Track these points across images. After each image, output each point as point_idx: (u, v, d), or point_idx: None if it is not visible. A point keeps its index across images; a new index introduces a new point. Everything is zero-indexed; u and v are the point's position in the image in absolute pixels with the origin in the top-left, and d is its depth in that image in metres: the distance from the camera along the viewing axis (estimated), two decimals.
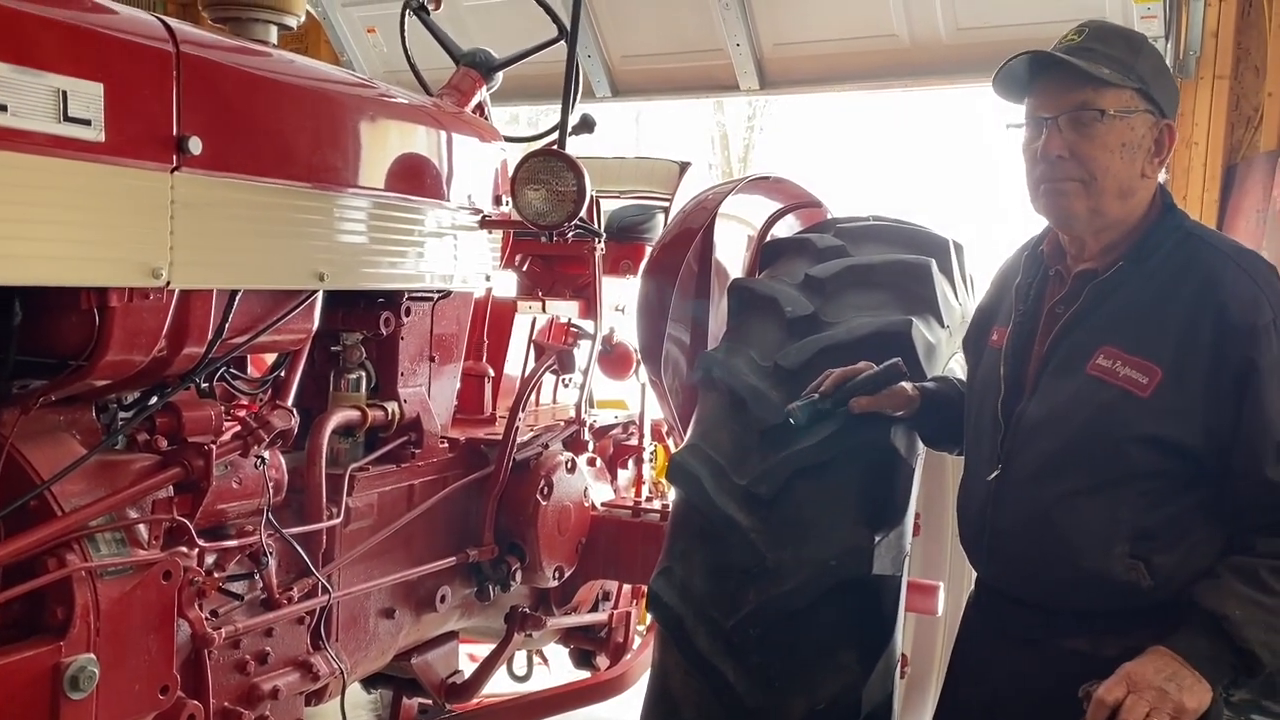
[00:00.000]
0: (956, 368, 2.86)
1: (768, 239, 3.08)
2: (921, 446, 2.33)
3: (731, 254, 3.38)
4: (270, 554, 2.24)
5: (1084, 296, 1.84)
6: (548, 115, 5.40)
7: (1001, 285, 2.11)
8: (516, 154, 2.90)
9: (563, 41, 3.11)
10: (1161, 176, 1.87)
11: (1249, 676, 1.69)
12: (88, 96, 1.69)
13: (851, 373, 2.15)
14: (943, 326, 2.51)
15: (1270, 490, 1.69)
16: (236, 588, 2.24)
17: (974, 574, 2.12)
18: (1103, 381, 1.77)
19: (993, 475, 1.91)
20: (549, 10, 3.13)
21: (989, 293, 2.18)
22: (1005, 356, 1.95)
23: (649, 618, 3.16)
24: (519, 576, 2.96)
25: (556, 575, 3.06)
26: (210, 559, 2.14)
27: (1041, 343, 1.90)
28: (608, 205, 3.99)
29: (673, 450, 3.64)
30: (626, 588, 3.61)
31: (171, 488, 2.06)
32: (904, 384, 2.14)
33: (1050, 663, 1.85)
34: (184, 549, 2.01)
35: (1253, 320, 1.69)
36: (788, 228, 3.23)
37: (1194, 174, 4.24)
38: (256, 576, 2.26)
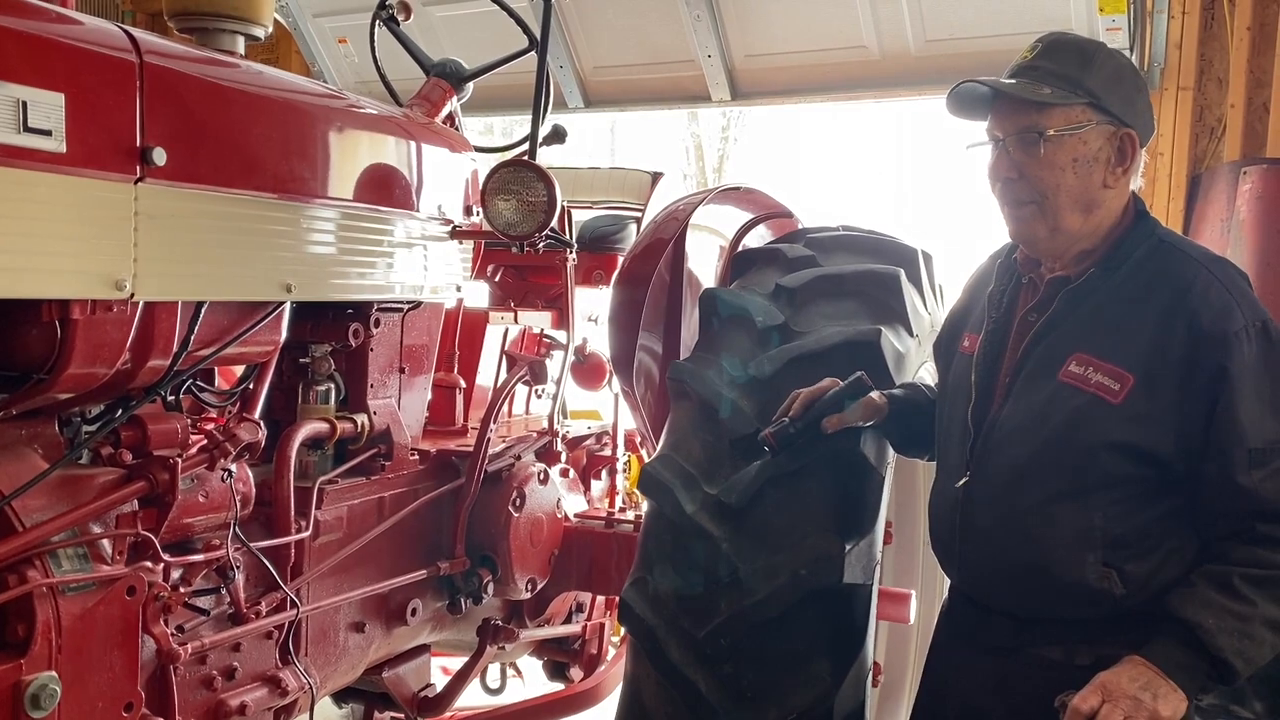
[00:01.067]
0: (926, 376, 2.87)
1: (739, 249, 3.09)
2: (891, 454, 2.34)
3: (704, 264, 3.39)
4: (237, 568, 2.22)
5: (1056, 303, 1.85)
6: (521, 126, 5.40)
7: (973, 292, 2.12)
8: (488, 165, 2.90)
9: (533, 52, 3.11)
10: (1136, 183, 1.87)
11: (1224, 685, 1.69)
12: (48, 107, 1.67)
13: (818, 392, 2.15)
14: (911, 336, 2.52)
15: (1243, 497, 1.69)
16: (203, 603, 2.21)
17: (947, 581, 2.13)
18: (1074, 388, 1.77)
19: (962, 482, 1.91)
20: (519, 21, 3.13)
21: (960, 299, 2.19)
22: (976, 363, 1.95)
23: (622, 629, 3.16)
24: (491, 589, 2.94)
25: (529, 587, 3.04)
26: (176, 574, 2.11)
27: (1014, 350, 1.90)
28: (580, 216, 3.99)
29: (646, 460, 3.64)
30: (600, 599, 3.60)
31: (136, 502, 2.03)
32: (872, 394, 2.15)
33: (1023, 672, 1.85)
34: (149, 564, 1.98)
35: (1224, 327, 1.69)
36: (759, 238, 3.25)
37: (1159, 184, 4.30)
38: (223, 591, 2.23)
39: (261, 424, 2.30)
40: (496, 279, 3.92)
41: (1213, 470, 1.70)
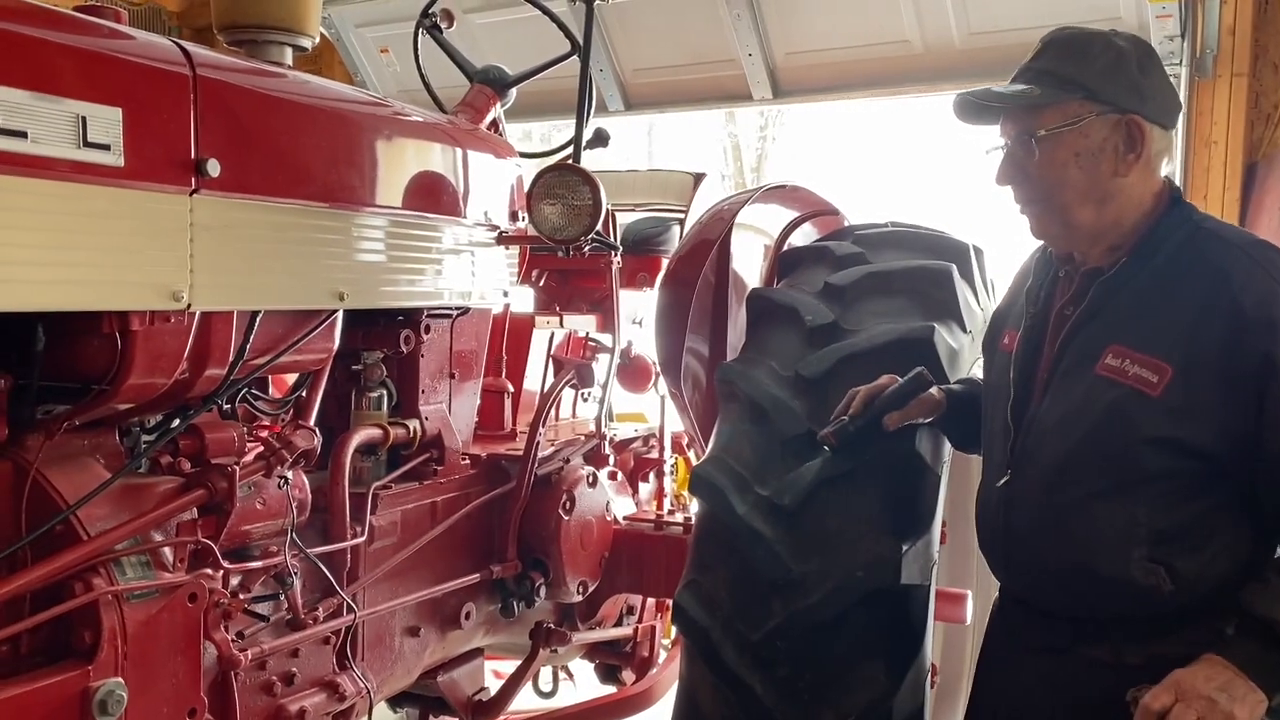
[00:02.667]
0: (980, 373, 2.84)
1: (785, 248, 3.07)
2: (947, 453, 2.31)
3: (749, 264, 3.37)
4: (295, 574, 2.24)
5: (1090, 295, 1.83)
6: (560, 131, 5.42)
7: (1015, 289, 2.10)
8: (532, 170, 2.90)
9: (575, 57, 3.11)
10: (1167, 168, 1.85)
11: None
12: (107, 122, 1.70)
13: (877, 389, 2.13)
14: (965, 332, 2.49)
15: None
16: (262, 609, 2.24)
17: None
18: (1112, 381, 1.74)
19: (1003, 481, 1.89)
20: (561, 26, 3.14)
21: (1005, 296, 2.17)
22: (1015, 360, 1.93)
23: (674, 631, 3.15)
24: (543, 592, 2.94)
25: (580, 590, 3.04)
26: (235, 580, 2.14)
27: (1051, 345, 1.88)
28: (623, 218, 3.99)
29: (694, 462, 3.63)
30: (651, 601, 3.59)
31: (195, 510, 2.06)
32: (931, 389, 2.12)
33: (1073, 672, 1.82)
34: (209, 571, 2.00)
35: (1269, 314, 1.65)
36: (805, 236, 3.22)
37: (1214, 173, 4.20)
38: (281, 597, 2.25)
39: (316, 431, 2.32)
40: (541, 283, 3.93)
41: (1268, 464, 1.66)
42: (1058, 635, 1.85)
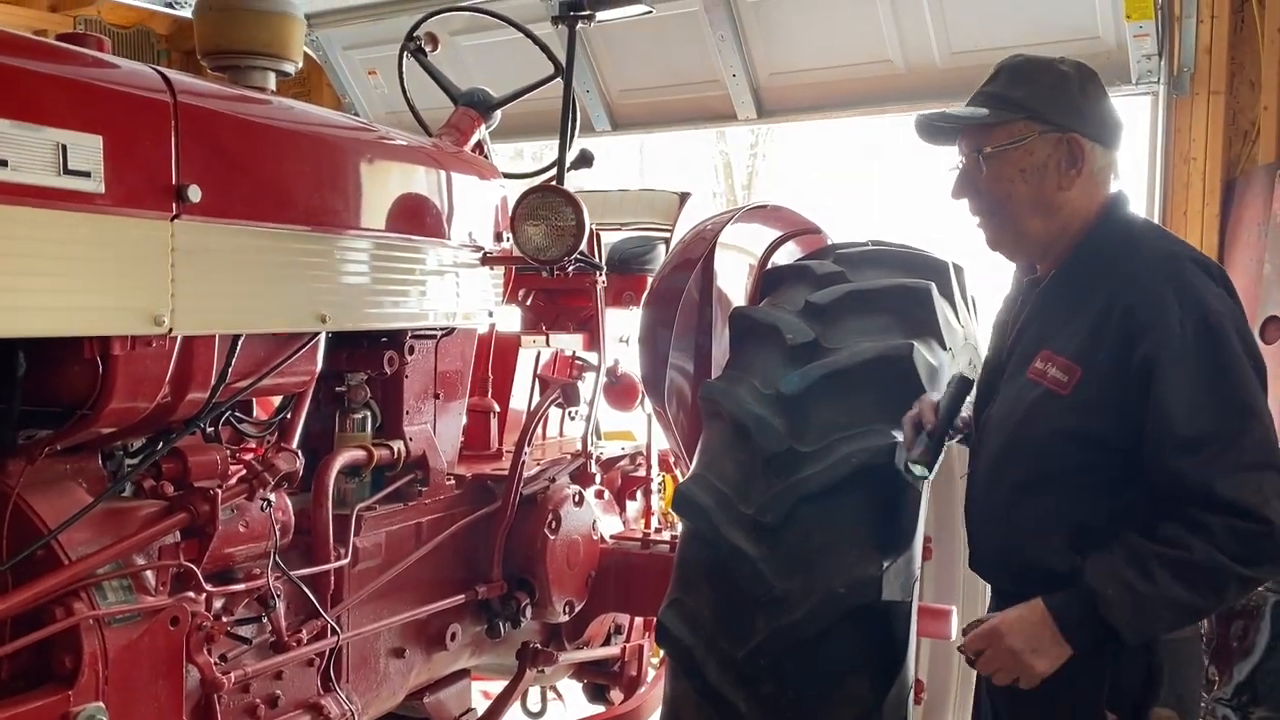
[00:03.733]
0: None
1: (768, 266, 3.09)
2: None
3: (733, 283, 3.39)
4: (278, 596, 2.24)
5: (1028, 304, 1.99)
6: (552, 150, 5.45)
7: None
8: (518, 190, 2.93)
9: (559, 78, 3.14)
10: (1113, 182, 1.95)
11: (1111, 645, 1.75)
12: (87, 149, 1.72)
13: (931, 405, 2.16)
14: (945, 349, 2.50)
15: (1172, 480, 1.73)
16: (245, 631, 2.24)
17: (988, 596, 2.14)
18: (1035, 383, 1.88)
19: (963, 475, 2.05)
20: (544, 48, 3.17)
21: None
22: (984, 363, 2.11)
23: (662, 650, 3.14)
24: (529, 612, 2.95)
25: (567, 610, 3.05)
26: (218, 603, 2.14)
27: (1009, 350, 2.02)
28: (609, 238, 4.01)
29: (680, 480, 3.63)
30: (638, 620, 3.59)
31: (178, 533, 2.06)
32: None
33: None
34: (191, 594, 2.01)
35: (1155, 318, 1.74)
36: (788, 255, 3.24)
37: (1193, 189, 4.24)
38: (265, 620, 2.26)
39: (299, 453, 2.33)
40: (528, 303, 3.94)
41: (1149, 456, 1.75)
42: None
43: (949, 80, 4.43)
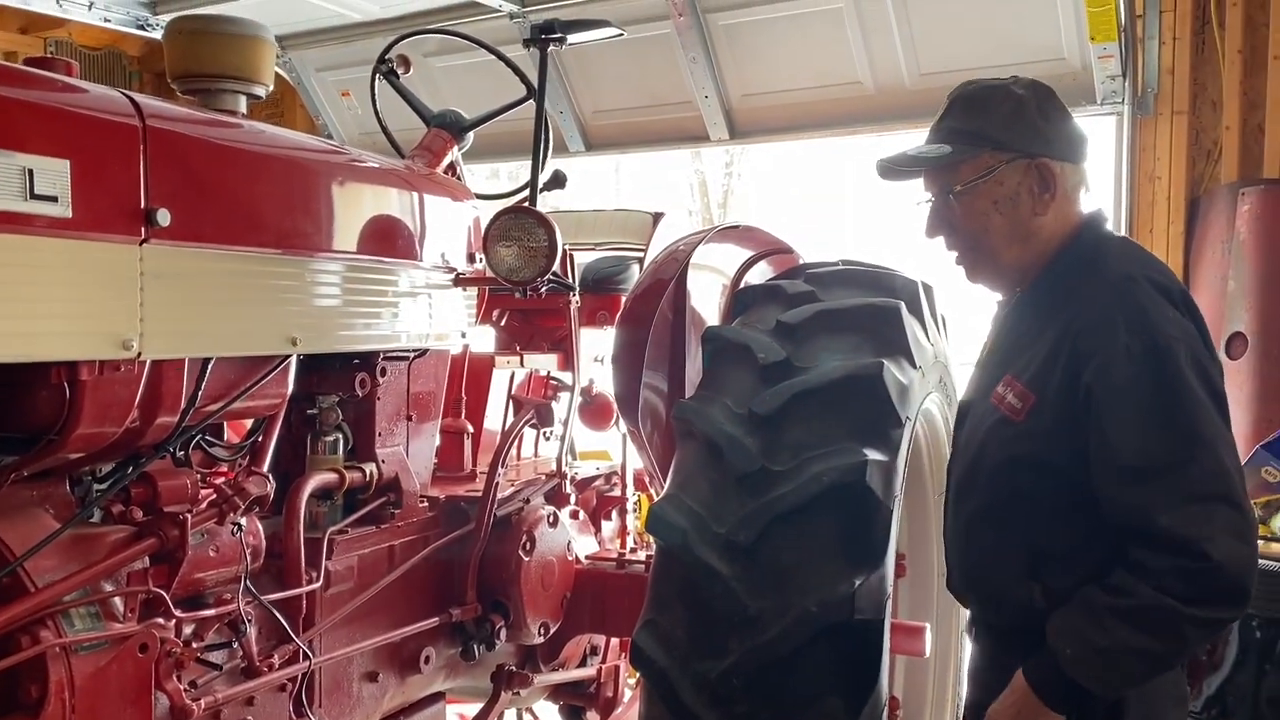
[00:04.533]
0: (932, 407, 2.88)
1: (740, 286, 3.11)
2: (899, 487, 2.34)
3: (706, 302, 3.40)
4: (249, 622, 2.22)
5: (995, 328, 1.99)
6: (527, 170, 5.45)
7: None
8: (492, 211, 2.93)
9: (531, 100, 3.15)
10: (1083, 202, 1.92)
11: (1093, 702, 1.72)
12: (54, 174, 1.71)
13: None
14: (914, 367, 2.53)
15: (1117, 513, 1.70)
16: (215, 657, 2.22)
17: (963, 612, 2.17)
18: (994, 408, 1.86)
19: (939, 494, 2.02)
20: (517, 70, 3.18)
21: None
22: (968, 388, 2.09)
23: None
24: (504, 634, 2.93)
25: (542, 631, 3.03)
26: (188, 629, 2.12)
27: (984, 375, 2.02)
28: (583, 258, 4.02)
29: (655, 500, 3.63)
30: (614, 641, 3.58)
31: (147, 558, 2.05)
32: None
33: (1004, 678, 1.87)
34: (161, 620, 1.99)
35: (1099, 345, 1.71)
36: (760, 275, 3.27)
37: (1158, 208, 4.31)
38: (236, 645, 2.24)
39: (270, 477, 2.31)
40: (502, 323, 3.94)
41: (1097, 485, 1.72)
42: (990, 641, 1.98)
43: (918, 101, 4.49)
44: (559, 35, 3.12)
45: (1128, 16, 3.99)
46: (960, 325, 3.13)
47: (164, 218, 1.90)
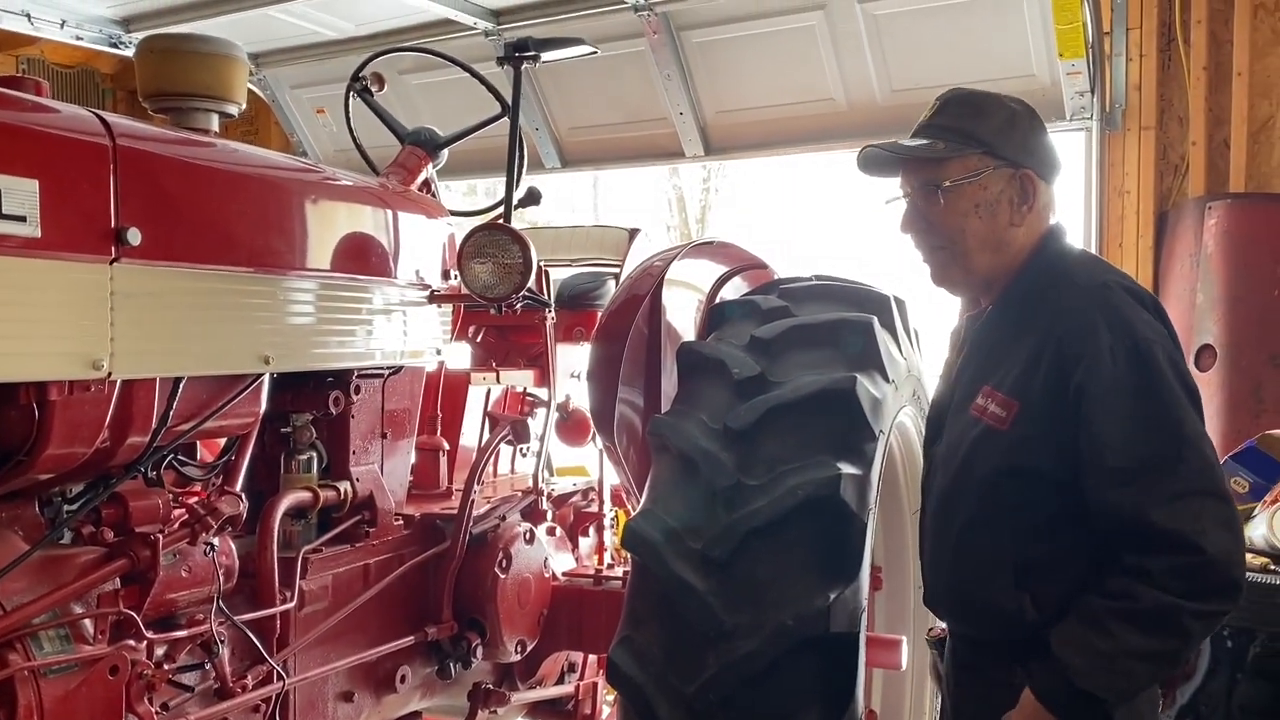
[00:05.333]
0: (906, 420, 2.90)
1: (715, 302, 3.13)
2: (874, 500, 2.36)
3: (681, 318, 3.42)
4: (222, 642, 2.21)
5: (969, 340, 1.98)
6: (503, 186, 5.45)
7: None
8: (467, 227, 2.93)
9: (506, 118, 3.16)
10: (1053, 217, 1.95)
11: (1105, 710, 1.72)
12: (23, 193, 1.70)
13: None
14: (888, 381, 2.55)
15: (1108, 517, 1.71)
16: (188, 679, 2.20)
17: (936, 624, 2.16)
18: (976, 419, 1.86)
19: (914, 511, 2.01)
20: (491, 88, 3.19)
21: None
22: (933, 401, 2.09)
23: None
24: (480, 652, 2.92)
25: (519, 649, 3.02)
26: (160, 651, 2.10)
27: (953, 388, 2.01)
28: (559, 274, 4.02)
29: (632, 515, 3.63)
30: (592, 658, 3.57)
31: (118, 580, 2.03)
32: None
33: (986, 690, 1.90)
34: (132, 642, 1.97)
35: (1084, 348, 1.73)
36: (735, 290, 3.28)
37: (1128, 222, 4.37)
38: (208, 666, 2.22)
39: (243, 496, 2.30)
40: (478, 340, 3.94)
41: (1088, 488, 1.73)
42: (969, 654, 1.97)
43: (890, 117, 4.52)
44: (533, 54, 3.13)
45: (1095, 34, 4.04)
46: (932, 339, 3.16)
47: (134, 237, 1.89)
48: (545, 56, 3.18)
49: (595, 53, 3.36)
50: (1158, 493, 1.66)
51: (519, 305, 2.83)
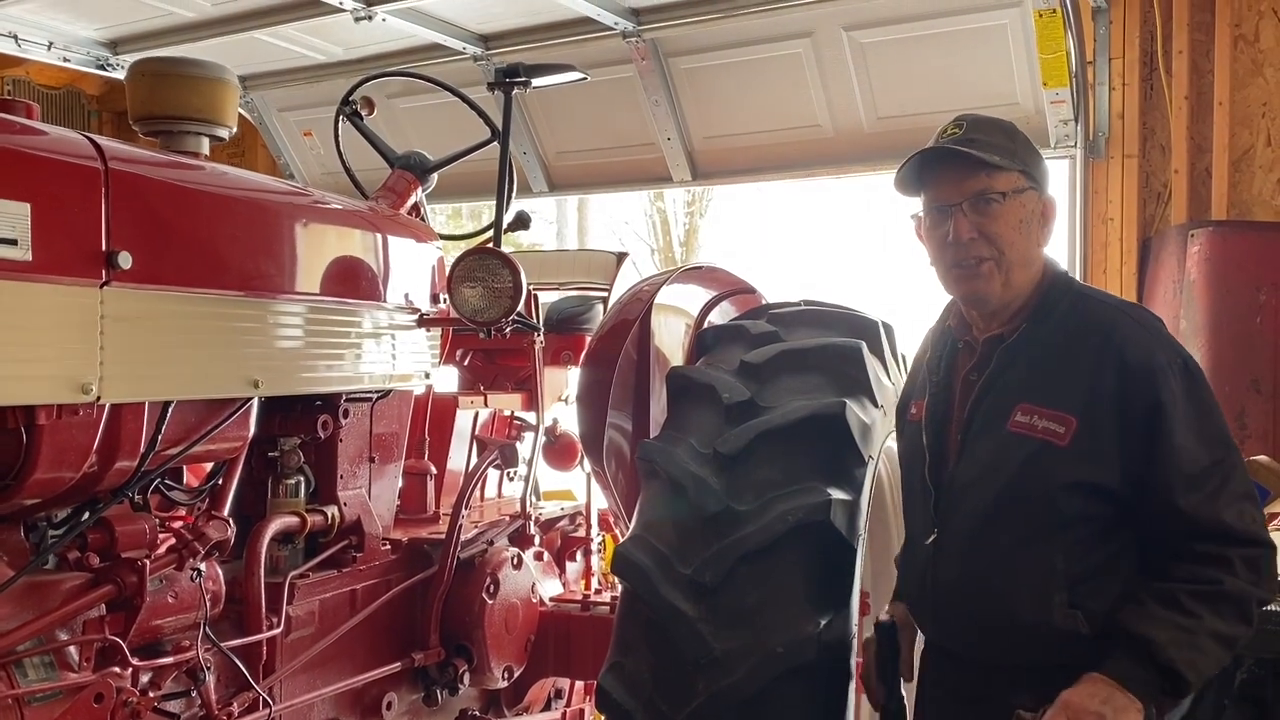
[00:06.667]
0: (894, 446, 2.91)
1: (704, 326, 3.14)
2: (863, 525, 2.36)
3: (670, 343, 3.43)
4: (208, 669, 2.19)
5: (994, 360, 1.95)
6: (489, 209, 5.46)
7: (917, 363, 2.21)
8: (456, 251, 2.94)
9: (496, 143, 3.18)
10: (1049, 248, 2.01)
11: (1176, 696, 1.77)
12: (14, 217, 1.70)
13: (870, 667, 2.13)
14: (876, 406, 2.56)
15: (1182, 519, 1.78)
16: (174, 706, 2.18)
17: (916, 650, 2.14)
18: (1024, 436, 1.86)
19: (930, 539, 1.97)
20: (481, 113, 3.21)
21: (909, 372, 2.29)
22: (926, 427, 2.03)
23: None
24: (467, 679, 2.90)
25: (506, 675, 3.01)
26: (145, 678, 2.08)
27: (960, 409, 1.99)
28: (547, 297, 4.03)
29: (620, 540, 3.62)
30: (579, 684, 3.55)
31: (104, 606, 2.01)
32: (893, 621, 2.13)
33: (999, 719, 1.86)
34: (117, 669, 1.96)
35: (1150, 363, 1.81)
36: (723, 315, 3.29)
37: (1111, 249, 4.41)
38: (194, 693, 2.20)
39: (230, 521, 2.29)
40: (465, 363, 3.94)
41: (1154, 495, 1.80)
42: (983, 684, 1.92)
43: (876, 144, 4.56)
44: (524, 79, 3.15)
45: (1079, 63, 4.09)
46: None
47: (125, 261, 1.89)
48: (536, 82, 3.20)
49: (586, 78, 3.38)
50: (1224, 495, 1.79)
51: (509, 329, 2.83)
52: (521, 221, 3.38)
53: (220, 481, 2.43)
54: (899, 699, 2.09)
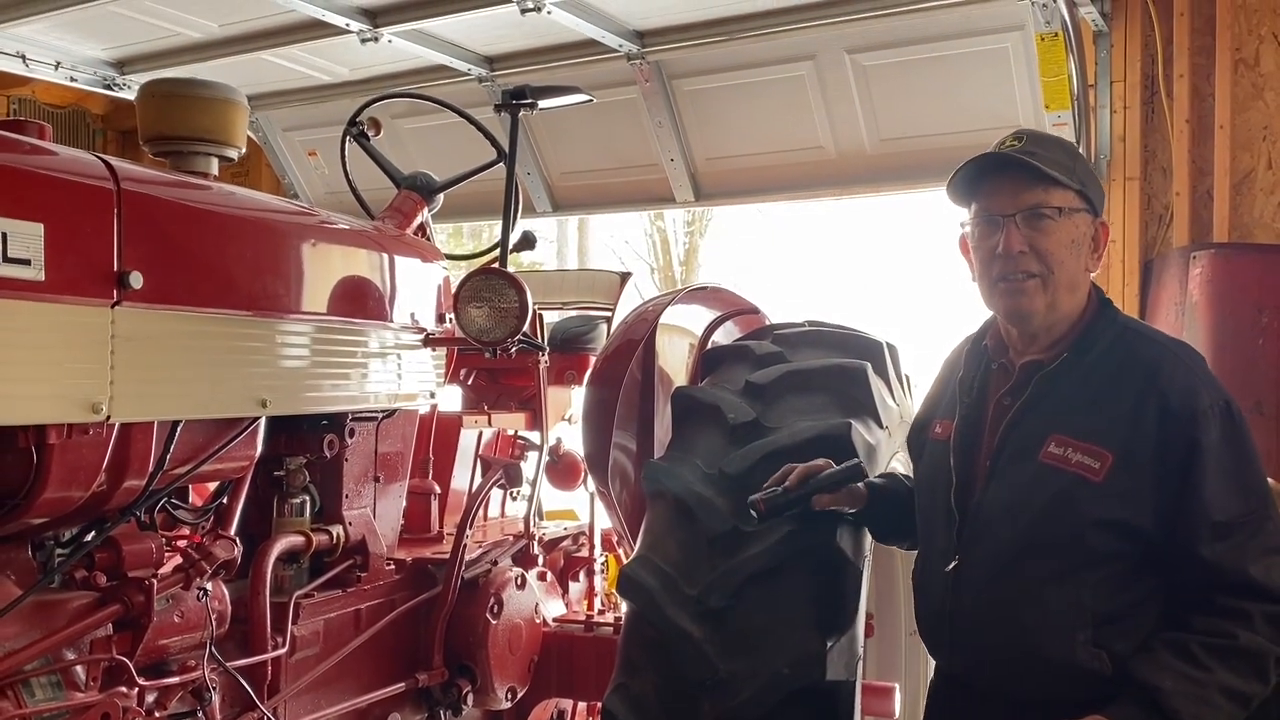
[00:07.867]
0: (898, 466, 2.91)
1: (708, 346, 3.15)
2: (869, 547, 2.36)
3: (675, 363, 3.44)
4: (214, 689, 2.18)
5: (1031, 387, 1.90)
6: (491, 228, 5.47)
7: (944, 380, 2.16)
8: (461, 271, 2.95)
9: (502, 163, 3.19)
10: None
11: None
12: (27, 237, 1.71)
13: (813, 469, 2.16)
14: (881, 428, 2.56)
15: (1205, 569, 1.74)
16: None
17: (930, 669, 2.13)
18: (1056, 469, 1.81)
19: (950, 566, 1.92)
20: (488, 135, 3.23)
21: (932, 387, 2.23)
22: (954, 448, 1.98)
23: None
24: (470, 699, 2.90)
25: (509, 696, 3.00)
26: (151, 697, 2.08)
27: (991, 434, 1.94)
28: (551, 317, 4.04)
29: (624, 560, 3.62)
30: (582, 705, 3.54)
31: (111, 625, 2.01)
32: (859, 483, 2.17)
33: None
34: (123, 689, 1.96)
35: (1193, 405, 1.77)
36: (727, 335, 3.30)
37: (1114, 270, 4.42)
38: (200, 713, 2.19)
39: (237, 540, 2.29)
40: (469, 382, 3.95)
41: (1180, 540, 1.75)
42: (999, 716, 1.89)
43: (878, 165, 4.59)
44: (531, 101, 3.17)
45: (1080, 86, 4.12)
46: (925, 385, 3.18)
47: (136, 280, 1.90)
48: (543, 104, 3.22)
49: (592, 100, 3.40)
50: (1253, 547, 1.74)
51: (514, 349, 2.84)
52: (528, 242, 3.40)
53: (226, 501, 2.43)
54: (797, 499, 2.12)
